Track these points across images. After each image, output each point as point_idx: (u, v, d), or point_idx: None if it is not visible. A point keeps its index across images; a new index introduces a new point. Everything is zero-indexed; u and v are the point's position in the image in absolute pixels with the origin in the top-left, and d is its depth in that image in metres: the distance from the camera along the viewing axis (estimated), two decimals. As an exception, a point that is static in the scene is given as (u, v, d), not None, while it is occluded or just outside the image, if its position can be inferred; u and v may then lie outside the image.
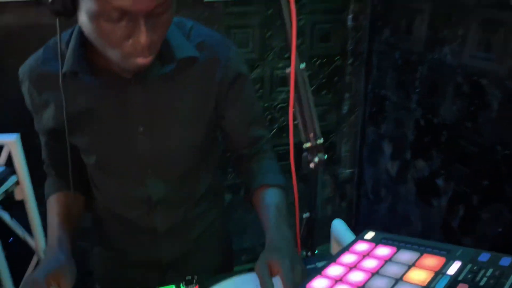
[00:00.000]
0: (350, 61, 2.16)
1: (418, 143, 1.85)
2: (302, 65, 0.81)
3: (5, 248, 1.70)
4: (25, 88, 0.90)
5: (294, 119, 0.83)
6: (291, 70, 0.79)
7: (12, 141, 1.64)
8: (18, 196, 1.71)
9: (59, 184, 1.00)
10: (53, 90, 0.85)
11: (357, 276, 0.72)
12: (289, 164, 0.84)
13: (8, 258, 1.71)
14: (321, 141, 0.85)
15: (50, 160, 1.01)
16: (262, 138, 1.00)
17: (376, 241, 0.82)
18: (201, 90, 0.89)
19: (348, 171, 2.38)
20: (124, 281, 1.05)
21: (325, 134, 2.24)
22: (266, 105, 2.11)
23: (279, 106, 2.13)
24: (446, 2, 1.62)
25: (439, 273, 0.67)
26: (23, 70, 0.89)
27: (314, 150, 0.85)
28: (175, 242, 1.02)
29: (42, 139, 0.98)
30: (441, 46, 1.63)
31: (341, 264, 0.77)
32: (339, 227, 1.10)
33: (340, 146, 2.33)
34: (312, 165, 0.86)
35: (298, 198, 0.87)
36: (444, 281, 0.64)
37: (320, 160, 0.85)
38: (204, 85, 0.89)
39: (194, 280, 0.89)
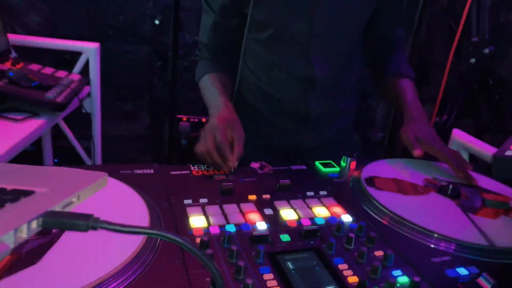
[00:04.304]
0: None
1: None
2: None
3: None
4: None
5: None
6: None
7: (93, 50, 1.62)
8: (87, 109, 1.69)
9: (212, 66, 1.08)
10: None
11: None
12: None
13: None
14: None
15: (212, 40, 1.07)
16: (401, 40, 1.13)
17: None
18: None
19: (380, 134, 2.50)
20: None
21: (363, 96, 2.35)
22: None
23: None
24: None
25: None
26: None
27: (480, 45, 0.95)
28: (320, 131, 1.09)
29: (209, 20, 1.03)
30: None
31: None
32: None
33: (376, 110, 2.45)
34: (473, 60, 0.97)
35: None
36: None
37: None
38: None
39: (354, 155, 0.97)
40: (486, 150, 1.11)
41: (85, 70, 1.67)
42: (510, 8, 1.75)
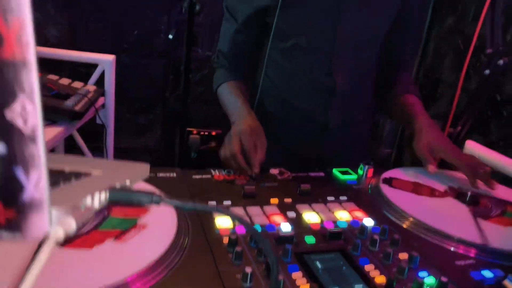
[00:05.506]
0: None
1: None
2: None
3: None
4: None
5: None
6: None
7: (108, 61, 1.65)
8: (100, 119, 1.71)
9: (231, 74, 1.10)
10: None
11: None
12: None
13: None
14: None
15: (232, 49, 1.09)
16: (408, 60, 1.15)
17: None
18: None
19: (387, 150, 2.51)
20: None
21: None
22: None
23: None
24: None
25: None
26: None
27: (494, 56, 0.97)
28: (338, 140, 1.11)
29: (230, 29, 1.05)
30: None
31: None
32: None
33: (384, 125, 2.47)
34: (487, 71, 0.99)
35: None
36: None
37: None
38: None
39: (371, 163, 0.98)
40: (500, 160, 1.12)
41: (100, 82, 1.70)
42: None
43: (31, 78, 0.19)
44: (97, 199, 0.28)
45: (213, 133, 2.16)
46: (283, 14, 0.97)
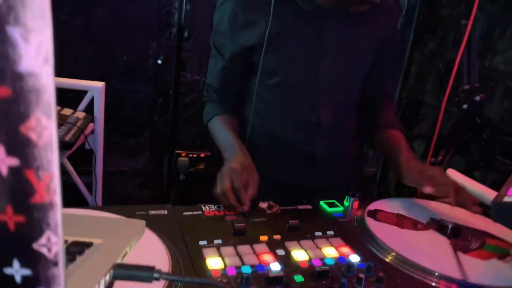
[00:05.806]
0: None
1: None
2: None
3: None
4: (227, 9, 1.01)
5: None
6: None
7: (98, 88, 1.67)
8: (89, 145, 1.72)
9: (221, 108, 1.13)
10: (259, 11, 0.98)
11: None
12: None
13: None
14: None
15: (220, 84, 1.12)
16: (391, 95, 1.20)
17: None
18: (381, 29, 1.06)
19: (373, 170, 2.56)
20: None
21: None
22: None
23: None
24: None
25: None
26: None
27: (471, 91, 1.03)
28: (325, 171, 1.14)
29: (218, 65, 1.08)
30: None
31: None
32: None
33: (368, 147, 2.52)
34: (465, 106, 1.04)
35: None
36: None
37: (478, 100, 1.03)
38: (383, 25, 1.06)
39: (357, 195, 1.02)
40: (480, 190, 1.17)
41: (89, 108, 1.72)
42: (494, 53, 1.87)
43: (56, 216, 0.21)
44: (103, 283, 0.30)
45: (202, 155, 2.18)
46: (267, 54, 1.00)
